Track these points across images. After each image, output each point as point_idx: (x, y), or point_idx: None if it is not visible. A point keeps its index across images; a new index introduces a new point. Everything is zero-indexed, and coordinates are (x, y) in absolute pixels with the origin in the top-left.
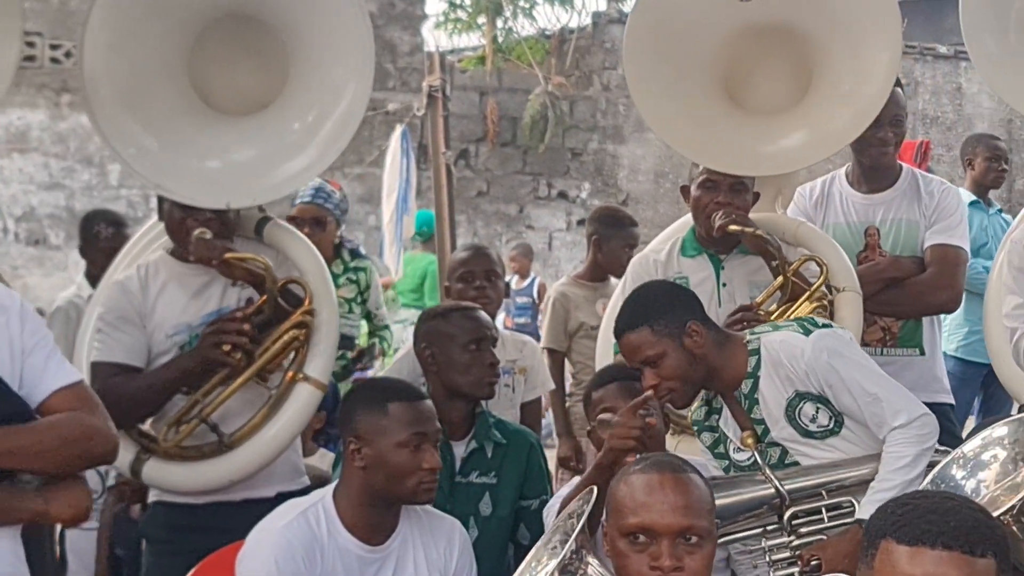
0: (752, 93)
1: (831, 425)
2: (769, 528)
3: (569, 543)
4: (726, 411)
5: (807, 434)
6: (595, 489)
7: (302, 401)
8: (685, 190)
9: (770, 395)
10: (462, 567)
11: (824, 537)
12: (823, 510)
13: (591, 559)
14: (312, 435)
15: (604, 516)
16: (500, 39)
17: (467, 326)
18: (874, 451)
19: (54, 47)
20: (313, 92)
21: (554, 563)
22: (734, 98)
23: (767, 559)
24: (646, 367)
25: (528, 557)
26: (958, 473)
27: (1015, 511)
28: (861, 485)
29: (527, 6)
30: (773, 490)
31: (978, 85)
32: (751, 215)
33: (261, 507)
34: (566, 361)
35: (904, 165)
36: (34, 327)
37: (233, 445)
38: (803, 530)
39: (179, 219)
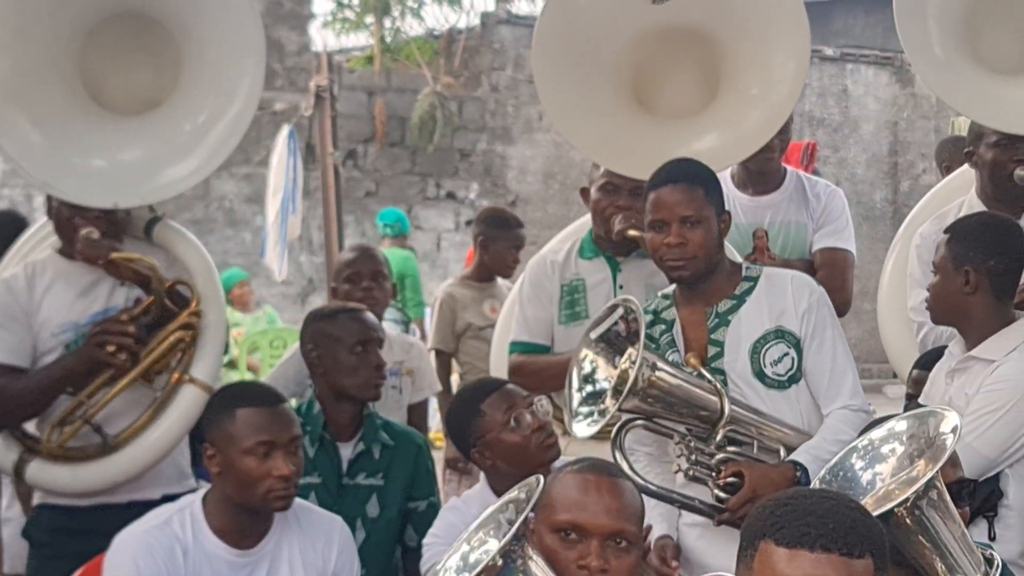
0: (660, 97)
1: (785, 378)
2: (697, 435)
3: (515, 527)
4: (678, 325)
5: (759, 375)
6: (541, 479)
7: (187, 403)
8: (585, 192)
9: (749, 321)
10: (342, 566)
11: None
12: (755, 442)
13: (534, 554)
14: None
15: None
16: (388, 39)
17: (353, 328)
18: (799, 425)
19: None
20: (204, 92)
21: (498, 545)
22: (642, 102)
23: (689, 457)
24: (679, 224)
25: (466, 534)
26: (857, 463)
27: (909, 503)
28: (781, 445)
29: (415, 6)
30: (717, 402)
31: (864, 87)
32: None
33: (146, 509)
34: (453, 362)
35: (787, 167)
36: None
37: (117, 447)
38: (731, 449)
39: (67, 218)
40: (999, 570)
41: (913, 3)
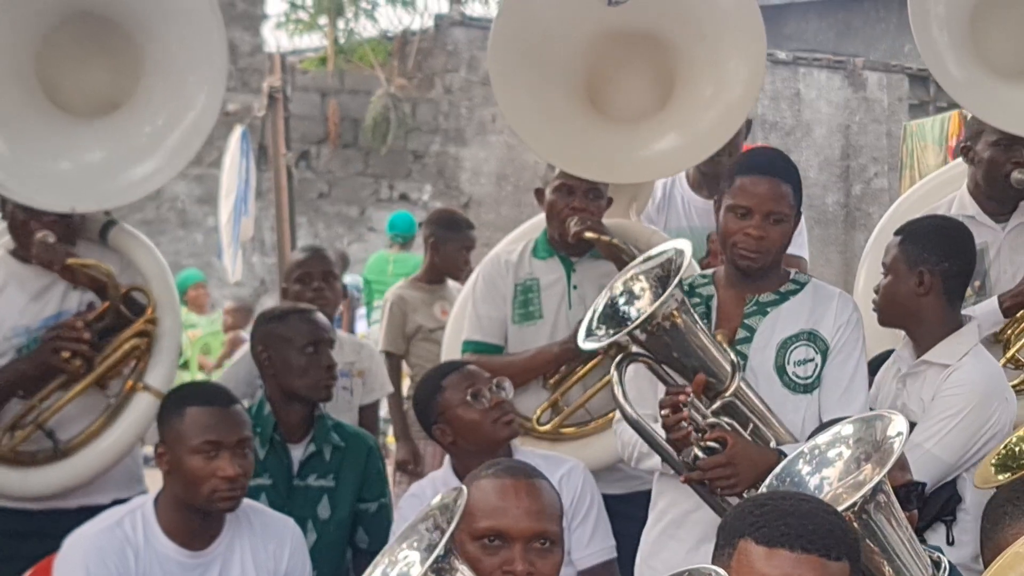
0: (614, 99)
1: (802, 383)
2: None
3: (444, 539)
4: (715, 302)
5: (779, 370)
6: (464, 488)
7: (141, 410)
8: (539, 193)
9: (787, 317)
10: (294, 567)
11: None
12: (749, 426)
13: (462, 566)
14: None
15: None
16: (342, 40)
17: (304, 329)
18: (796, 435)
19: None
20: (164, 96)
21: (427, 561)
22: (596, 104)
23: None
24: (763, 217)
25: (387, 548)
26: (804, 468)
27: (856, 508)
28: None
29: (369, 7)
30: (728, 373)
31: (816, 91)
32: (604, 221)
33: (96, 514)
34: (404, 364)
35: None
36: None
37: (69, 452)
38: (725, 419)
39: (22, 221)
40: (947, 573)
41: (921, 11)
